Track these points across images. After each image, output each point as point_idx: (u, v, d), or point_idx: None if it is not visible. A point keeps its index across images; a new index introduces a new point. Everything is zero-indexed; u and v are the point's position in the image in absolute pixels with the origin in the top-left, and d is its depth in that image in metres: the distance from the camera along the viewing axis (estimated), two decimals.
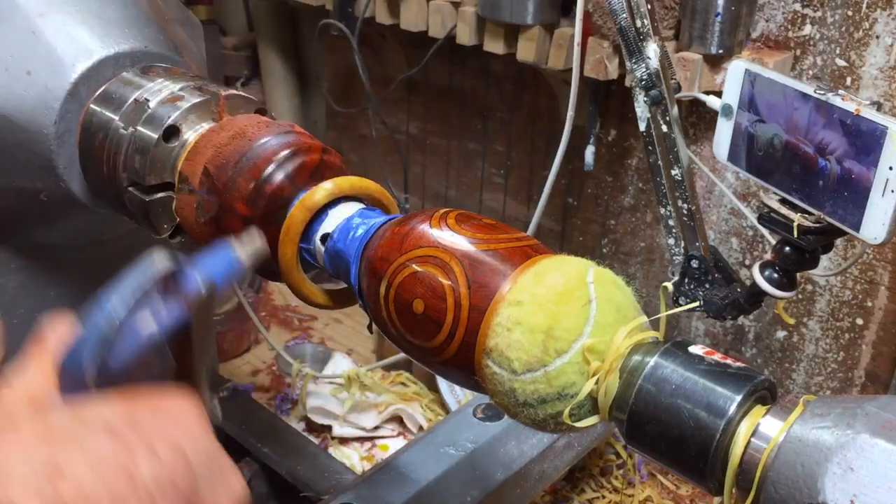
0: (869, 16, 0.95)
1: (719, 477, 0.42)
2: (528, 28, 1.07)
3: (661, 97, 0.80)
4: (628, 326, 0.45)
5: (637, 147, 1.19)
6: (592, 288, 0.46)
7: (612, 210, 1.25)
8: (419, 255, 0.51)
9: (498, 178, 1.38)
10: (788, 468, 0.39)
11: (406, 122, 1.46)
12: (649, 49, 0.80)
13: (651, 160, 0.83)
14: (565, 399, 0.45)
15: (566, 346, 0.44)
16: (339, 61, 1.48)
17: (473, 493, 0.80)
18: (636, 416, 0.44)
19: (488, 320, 0.46)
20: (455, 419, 0.89)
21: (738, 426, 0.41)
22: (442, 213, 0.53)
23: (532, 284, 0.46)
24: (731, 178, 1.10)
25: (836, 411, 0.39)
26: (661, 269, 1.22)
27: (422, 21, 1.18)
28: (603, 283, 0.47)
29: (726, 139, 0.71)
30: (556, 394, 0.45)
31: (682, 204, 0.84)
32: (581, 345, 0.44)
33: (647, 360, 0.44)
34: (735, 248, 1.14)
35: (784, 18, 1.01)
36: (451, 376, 0.52)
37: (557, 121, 1.20)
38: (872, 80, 0.96)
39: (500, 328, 0.46)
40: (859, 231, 0.61)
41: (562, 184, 1.27)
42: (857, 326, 1.06)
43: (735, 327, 1.17)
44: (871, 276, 1.03)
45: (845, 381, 1.09)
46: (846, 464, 0.36)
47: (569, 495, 1.03)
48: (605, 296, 0.46)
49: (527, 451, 0.86)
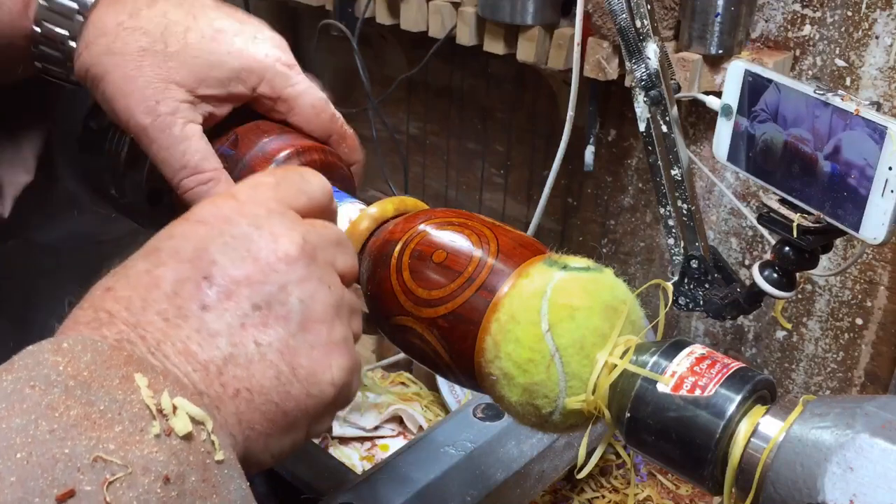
0: (868, 16, 0.95)
1: (719, 477, 0.42)
2: (528, 28, 1.07)
3: (661, 97, 0.80)
4: (606, 349, 0.44)
5: (637, 147, 1.19)
6: (549, 338, 0.43)
7: (612, 210, 1.25)
8: (453, 219, 0.50)
9: (498, 178, 1.38)
10: (788, 468, 0.39)
11: (406, 122, 1.46)
12: (649, 49, 0.80)
13: (651, 160, 0.83)
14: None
15: (552, 406, 0.44)
16: (339, 61, 1.48)
17: (473, 492, 0.80)
18: (636, 415, 0.44)
19: (484, 331, 0.46)
20: (455, 419, 0.89)
21: (738, 426, 0.41)
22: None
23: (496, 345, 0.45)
24: (731, 178, 1.10)
25: (836, 411, 0.39)
26: (660, 269, 1.22)
27: (422, 21, 1.18)
28: (562, 314, 0.44)
29: (726, 139, 0.71)
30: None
31: (681, 204, 0.84)
32: (563, 402, 0.44)
33: (647, 361, 0.44)
34: (735, 248, 1.14)
35: (784, 19, 1.01)
36: (450, 335, 0.48)
37: (557, 121, 1.20)
38: (872, 81, 0.96)
39: (490, 356, 0.46)
40: (859, 231, 0.61)
41: (562, 184, 1.27)
42: (856, 326, 1.06)
43: (735, 327, 1.17)
44: (871, 276, 1.03)
45: (845, 381, 1.10)
46: (846, 463, 0.37)
47: (569, 495, 1.03)
48: (568, 332, 0.44)
49: (527, 451, 0.86)
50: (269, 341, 0.38)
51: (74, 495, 0.29)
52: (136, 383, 0.33)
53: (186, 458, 0.33)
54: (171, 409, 0.33)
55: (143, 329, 0.36)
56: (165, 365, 0.36)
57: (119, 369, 0.33)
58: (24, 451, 0.29)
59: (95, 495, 0.30)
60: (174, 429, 0.33)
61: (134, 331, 0.36)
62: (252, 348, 0.38)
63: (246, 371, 0.37)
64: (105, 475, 0.30)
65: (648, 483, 1.07)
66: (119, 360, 0.34)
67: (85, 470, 0.30)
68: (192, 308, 0.37)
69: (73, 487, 0.29)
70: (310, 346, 0.40)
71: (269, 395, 0.38)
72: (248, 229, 0.40)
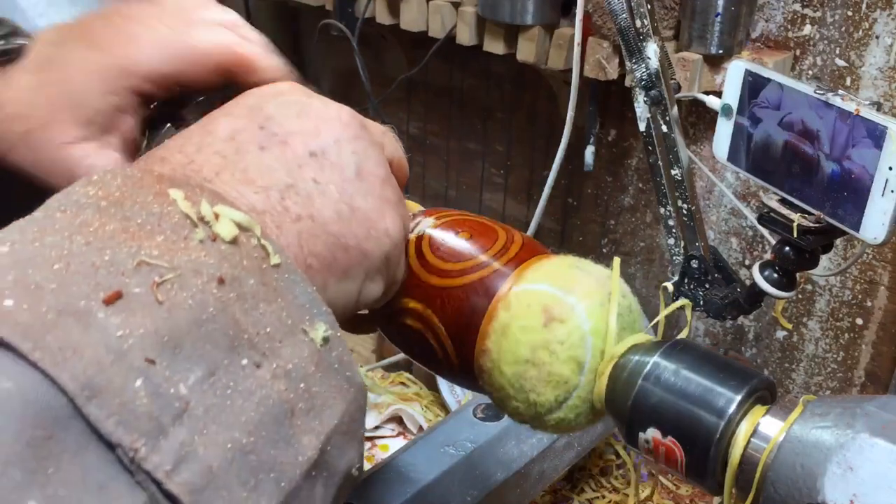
0: (869, 16, 0.95)
1: (719, 477, 0.42)
2: (528, 28, 1.07)
3: (661, 97, 0.80)
4: (608, 350, 0.44)
5: (637, 147, 1.19)
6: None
7: (612, 210, 1.25)
8: (459, 217, 0.49)
9: (498, 178, 1.38)
10: (788, 468, 0.39)
11: (406, 122, 1.46)
12: (649, 49, 0.80)
13: (651, 160, 0.83)
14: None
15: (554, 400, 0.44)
16: (339, 61, 1.48)
17: (473, 493, 0.80)
18: (636, 416, 0.44)
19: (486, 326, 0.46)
20: (455, 419, 0.89)
21: (738, 426, 0.41)
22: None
23: (501, 327, 0.45)
24: (731, 178, 1.10)
25: (836, 411, 0.39)
26: (660, 269, 1.22)
27: (422, 21, 1.18)
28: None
29: (726, 139, 0.71)
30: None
31: (681, 204, 0.84)
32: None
33: (647, 360, 0.44)
34: (735, 248, 1.14)
35: (784, 18, 1.01)
36: (465, 303, 0.47)
37: (557, 121, 1.20)
38: (872, 81, 0.96)
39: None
40: (859, 231, 0.61)
41: (562, 184, 1.27)
42: (856, 326, 1.06)
43: (735, 327, 1.17)
44: (871, 276, 1.03)
45: (845, 381, 1.09)
46: (846, 463, 0.36)
47: (569, 495, 1.03)
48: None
49: (527, 451, 0.86)
50: (327, 181, 0.38)
51: (122, 297, 0.28)
52: (171, 197, 0.32)
53: (239, 262, 0.31)
54: (213, 216, 0.32)
55: (198, 165, 0.36)
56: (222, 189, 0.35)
57: (151, 187, 0.32)
58: (60, 263, 0.28)
59: (145, 297, 0.28)
60: (219, 234, 0.31)
61: (189, 166, 0.36)
62: (311, 184, 0.38)
63: (307, 200, 0.37)
64: (153, 277, 0.29)
65: (648, 483, 1.07)
66: (150, 180, 0.33)
67: (130, 274, 0.28)
68: (249, 148, 0.37)
69: (120, 290, 0.28)
70: (365, 192, 0.40)
71: (330, 227, 0.38)
72: (300, 96, 0.41)
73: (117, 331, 0.27)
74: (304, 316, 0.33)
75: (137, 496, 0.26)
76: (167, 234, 0.30)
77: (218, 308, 0.29)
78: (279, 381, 0.30)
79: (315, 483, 0.32)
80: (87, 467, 0.25)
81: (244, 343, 0.30)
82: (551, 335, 0.43)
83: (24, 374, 0.25)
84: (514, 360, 0.44)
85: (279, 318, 0.32)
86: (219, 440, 0.28)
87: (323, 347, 0.33)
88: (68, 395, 0.25)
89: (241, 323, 0.30)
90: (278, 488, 0.29)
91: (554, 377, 0.43)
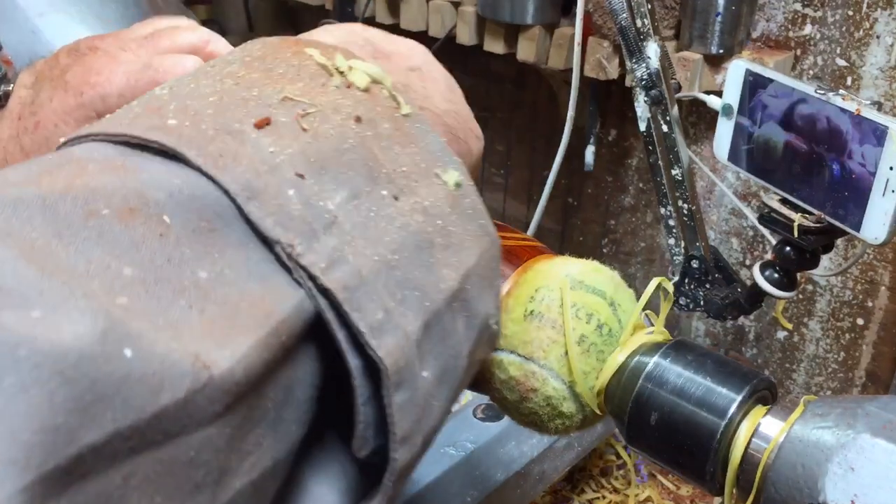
0: (869, 16, 0.95)
1: (720, 477, 0.42)
2: (528, 28, 1.07)
3: (662, 97, 0.80)
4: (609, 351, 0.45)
5: (637, 147, 1.19)
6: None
7: (613, 210, 1.25)
8: None
9: (498, 178, 1.38)
10: (789, 468, 0.38)
11: None
12: (649, 49, 0.80)
13: (651, 160, 0.83)
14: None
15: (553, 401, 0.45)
16: None
17: (473, 493, 0.80)
18: (637, 416, 0.43)
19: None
20: (455, 419, 0.89)
21: (739, 426, 0.41)
22: None
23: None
24: (732, 178, 1.10)
25: (837, 411, 0.39)
26: (661, 269, 1.22)
27: (422, 21, 1.18)
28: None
29: (727, 139, 0.71)
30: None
31: (682, 204, 0.84)
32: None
33: (647, 361, 0.44)
34: (735, 248, 1.14)
35: (784, 18, 1.01)
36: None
37: (557, 121, 1.20)
38: (873, 80, 0.96)
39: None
40: (860, 231, 0.61)
41: (562, 184, 1.27)
42: (857, 327, 1.06)
43: (735, 327, 1.17)
44: (872, 276, 1.02)
45: (846, 382, 1.09)
46: (847, 464, 0.36)
47: (569, 495, 1.03)
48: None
49: (527, 452, 0.86)
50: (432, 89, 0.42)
51: (271, 123, 0.30)
52: (307, 52, 0.35)
53: (373, 108, 0.34)
54: (347, 67, 0.35)
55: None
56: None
57: (289, 48, 0.35)
58: (214, 97, 0.31)
59: (291, 125, 0.31)
60: (354, 82, 0.34)
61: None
62: (419, 84, 0.41)
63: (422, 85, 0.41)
64: (297, 110, 0.31)
65: (649, 483, 1.07)
66: (288, 42, 0.36)
67: (276, 106, 0.31)
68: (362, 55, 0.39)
69: (269, 117, 0.31)
70: (459, 101, 0.44)
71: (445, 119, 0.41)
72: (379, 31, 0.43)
73: (269, 147, 0.29)
74: (436, 161, 0.35)
75: (296, 291, 0.28)
76: (306, 80, 0.33)
77: (357, 141, 0.32)
78: (417, 214, 0.32)
79: (457, 316, 0.33)
80: (250, 259, 0.28)
81: (382, 176, 0.32)
82: (533, 404, 0.45)
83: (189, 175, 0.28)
84: (514, 409, 0.46)
85: (413, 160, 0.34)
86: (366, 252, 0.30)
87: (456, 191, 0.35)
88: (230, 195, 0.28)
89: (379, 158, 0.32)
90: (422, 307, 0.31)
91: (552, 424, 0.45)
